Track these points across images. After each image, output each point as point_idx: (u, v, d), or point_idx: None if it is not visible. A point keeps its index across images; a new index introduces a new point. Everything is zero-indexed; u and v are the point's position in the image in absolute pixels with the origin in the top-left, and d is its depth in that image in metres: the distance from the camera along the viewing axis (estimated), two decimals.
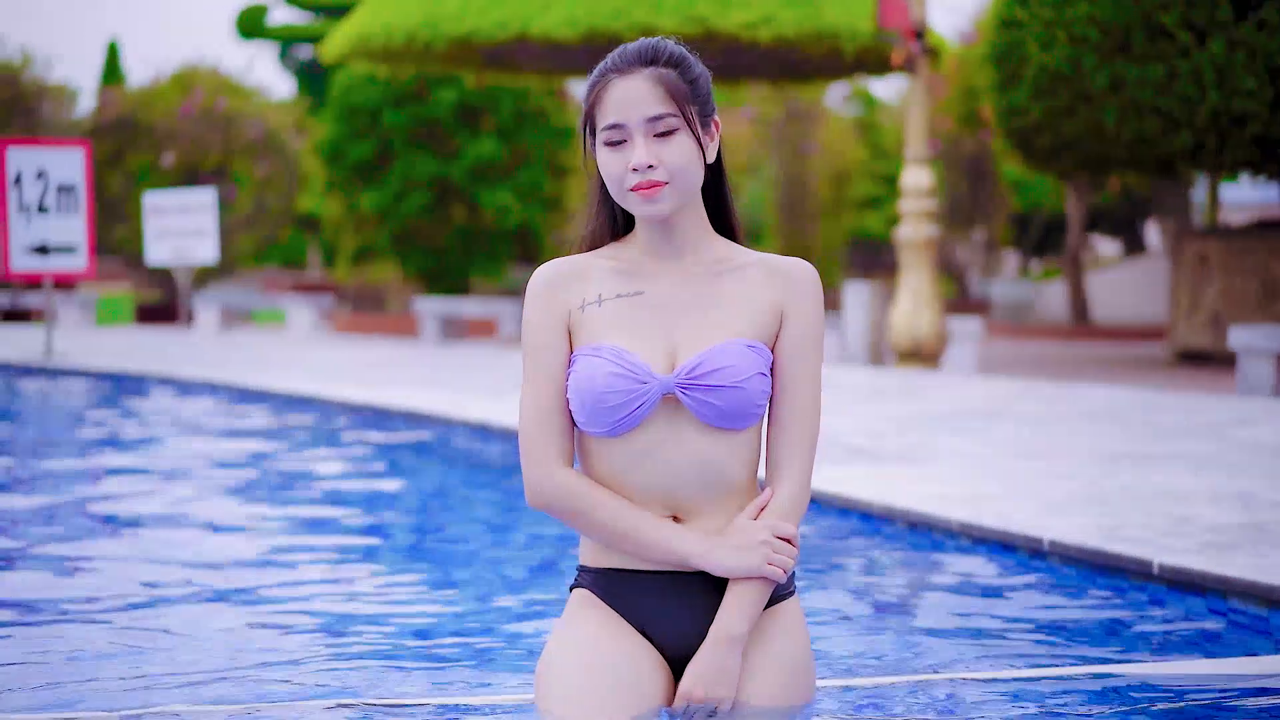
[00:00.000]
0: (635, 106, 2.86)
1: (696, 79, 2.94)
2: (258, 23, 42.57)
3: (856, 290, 14.05)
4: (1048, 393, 10.70)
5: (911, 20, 12.91)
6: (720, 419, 2.88)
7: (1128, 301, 26.37)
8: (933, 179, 13.39)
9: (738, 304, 2.96)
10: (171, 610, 4.45)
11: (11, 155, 13.23)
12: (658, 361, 2.90)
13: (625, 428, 2.87)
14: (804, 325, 2.97)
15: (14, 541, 5.59)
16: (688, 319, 2.95)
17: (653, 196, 2.87)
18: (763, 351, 2.93)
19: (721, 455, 2.91)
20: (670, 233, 2.97)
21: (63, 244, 13.36)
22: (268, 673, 3.70)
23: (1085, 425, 8.59)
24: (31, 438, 9.09)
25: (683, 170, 2.88)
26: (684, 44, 2.99)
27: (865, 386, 11.23)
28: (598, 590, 2.97)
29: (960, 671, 3.68)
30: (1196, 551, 4.75)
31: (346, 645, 4.03)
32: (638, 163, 2.85)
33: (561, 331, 2.94)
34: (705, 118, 2.94)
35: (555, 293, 2.95)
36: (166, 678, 3.62)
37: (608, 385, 2.85)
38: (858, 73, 18.49)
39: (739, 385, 2.87)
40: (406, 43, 16.02)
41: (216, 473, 7.59)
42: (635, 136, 2.87)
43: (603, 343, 2.90)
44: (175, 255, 17.60)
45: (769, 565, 2.87)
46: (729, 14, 15.26)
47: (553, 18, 15.25)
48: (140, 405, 11.00)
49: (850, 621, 4.39)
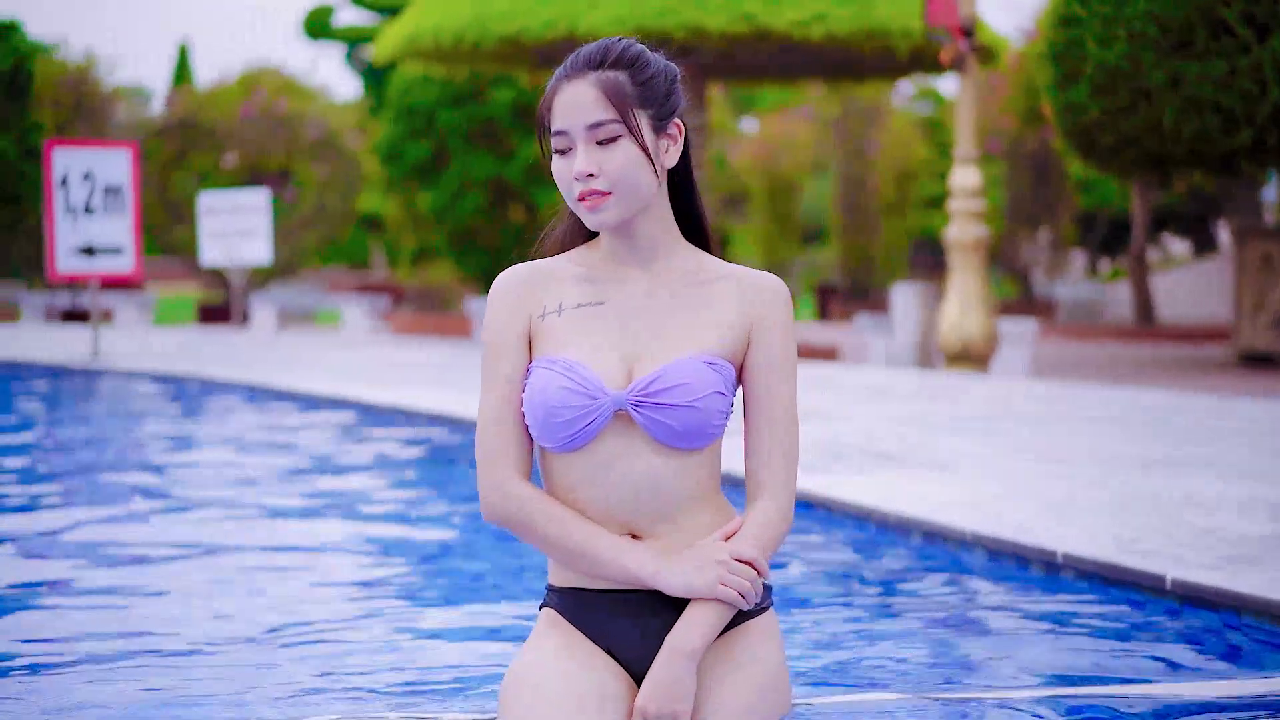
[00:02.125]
0: (577, 113, 2.77)
1: (649, 81, 2.82)
2: (324, 24, 42.86)
3: (904, 292, 13.87)
4: (1094, 396, 10.48)
5: (960, 18, 12.70)
6: (673, 438, 2.79)
7: (1195, 302, 25.99)
8: (981, 179, 13.18)
9: (702, 318, 2.87)
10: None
11: (58, 156, 13.27)
12: (614, 375, 2.81)
13: (578, 443, 2.79)
14: (776, 343, 2.88)
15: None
16: (649, 332, 2.85)
17: (596, 206, 2.79)
18: (724, 369, 2.83)
19: (677, 474, 2.82)
20: (632, 240, 2.88)
21: (109, 245, 13.39)
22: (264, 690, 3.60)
23: (1122, 429, 8.39)
24: (59, 439, 9.09)
25: (625, 179, 2.78)
26: (648, 43, 2.89)
27: (904, 389, 11.05)
28: (563, 610, 2.90)
29: (958, 691, 3.58)
30: (1214, 566, 4.59)
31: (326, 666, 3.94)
32: (577, 172, 2.78)
33: (521, 339, 2.86)
34: (662, 121, 2.83)
35: (517, 299, 2.87)
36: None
37: (559, 400, 2.77)
38: (913, 72, 18.28)
39: (692, 405, 2.77)
40: (456, 42, 15.98)
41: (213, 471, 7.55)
42: (578, 144, 2.78)
43: (559, 355, 2.82)
44: (228, 256, 17.63)
45: (722, 587, 2.75)
46: (779, 12, 15.11)
47: (600, 17, 15.17)
48: (168, 406, 11.00)
49: (851, 634, 4.29)
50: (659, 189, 2.88)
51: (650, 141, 2.82)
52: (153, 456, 8.43)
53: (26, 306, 22.98)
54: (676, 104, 2.88)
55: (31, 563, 5.30)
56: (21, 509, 6.53)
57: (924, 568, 5.24)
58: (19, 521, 6.18)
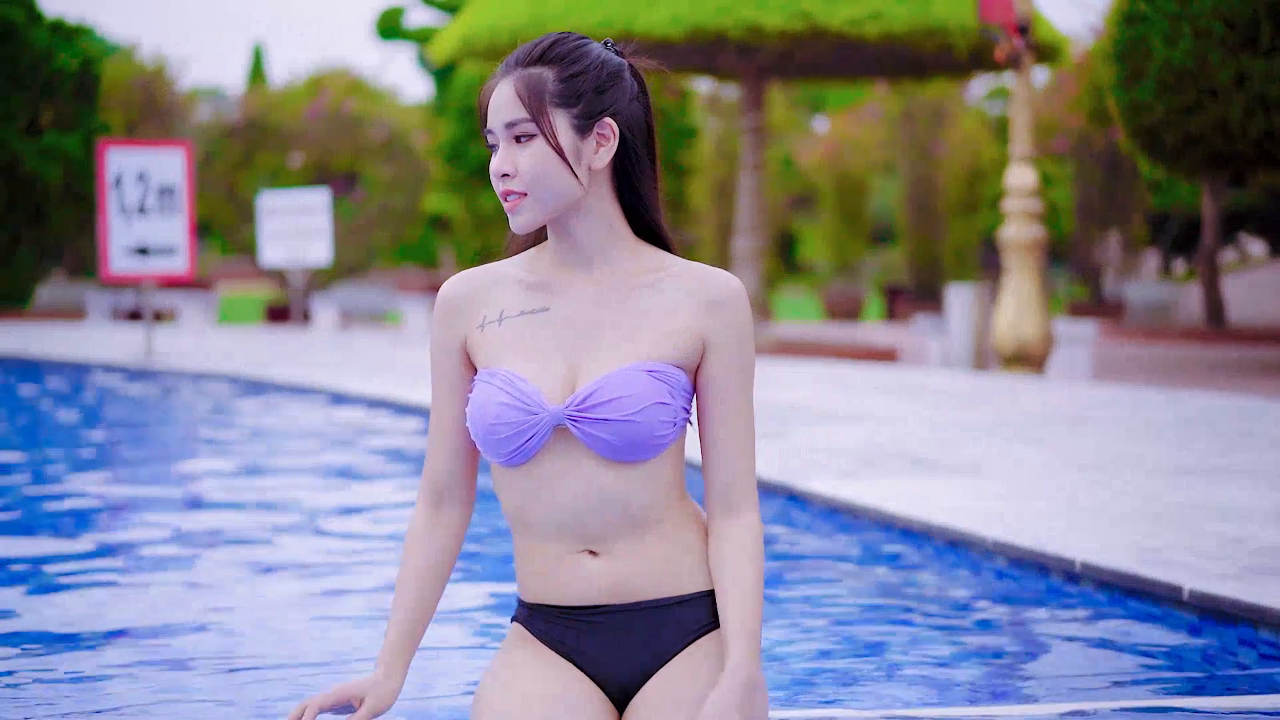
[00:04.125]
0: (498, 112, 2.70)
1: (574, 78, 2.70)
2: (395, 25, 43.08)
3: (959, 293, 13.69)
4: (1150, 399, 10.29)
5: (1016, 15, 12.51)
6: (615, 452, 2.69)
7: (1272, 303, 25.57)
8: (1036, 178, 12.99)
9: (648, 322, 2.75)
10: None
11: (112, 157, 13.35)
12: (554, 388, 2.71)
13: (520, 459, 2.71)
14: (735, 352, 2.77)
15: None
16: (591, 340, 2.75)
17: (513, 209, 2.72)
18: (669, 376, 2.72)
19: (625, 487, 2.71)
20: (572, 241, 2.77)
21: (163, 245, 13.46)
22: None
23: (1172, 434, 8.21)
24: (99, 437, 9.14)
25: (538, 180, 2.69)
26: (586, 38, 2.78)
27: (953, 392, 10.90)
28: (529, 624, 2.83)
29: (960, 707, 3.52)
30: (1236, 577, 4.45)
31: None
32: (493, 169, 2.72)
33: (456, 352, 2.80)
34: (587, 120, 2.71)
35: (455, 311, 2.80)
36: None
37: (497, 416, 2.69)
38: (975, 70, 18.07)
39: (630, 419, 2.66)
40: (511, 42, 15.93)
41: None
42: (500, 143, 2.72)
43: (499, 367, 2.73)
44: (289, 256, 17.68)
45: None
46: (836, 10, 14.96)
47: (657, 15, 15.09)
48: (210, 404, 11.04)
49: (859, 642, 4.24)
50: (593, 190, 2.76)
51: (568, 141, 2.71)
52: (189, 454, 8.45)
53: (94, 306, 23.21)
54: (610, 102, 2.74)
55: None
56: (57, 513, 6.54)
57: (942, 575, 5.13)
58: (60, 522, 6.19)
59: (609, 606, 2.74)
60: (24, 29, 22.51)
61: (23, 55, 22.41)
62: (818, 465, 6.80)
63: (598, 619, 2.75)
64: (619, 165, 2.79)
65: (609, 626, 2.75)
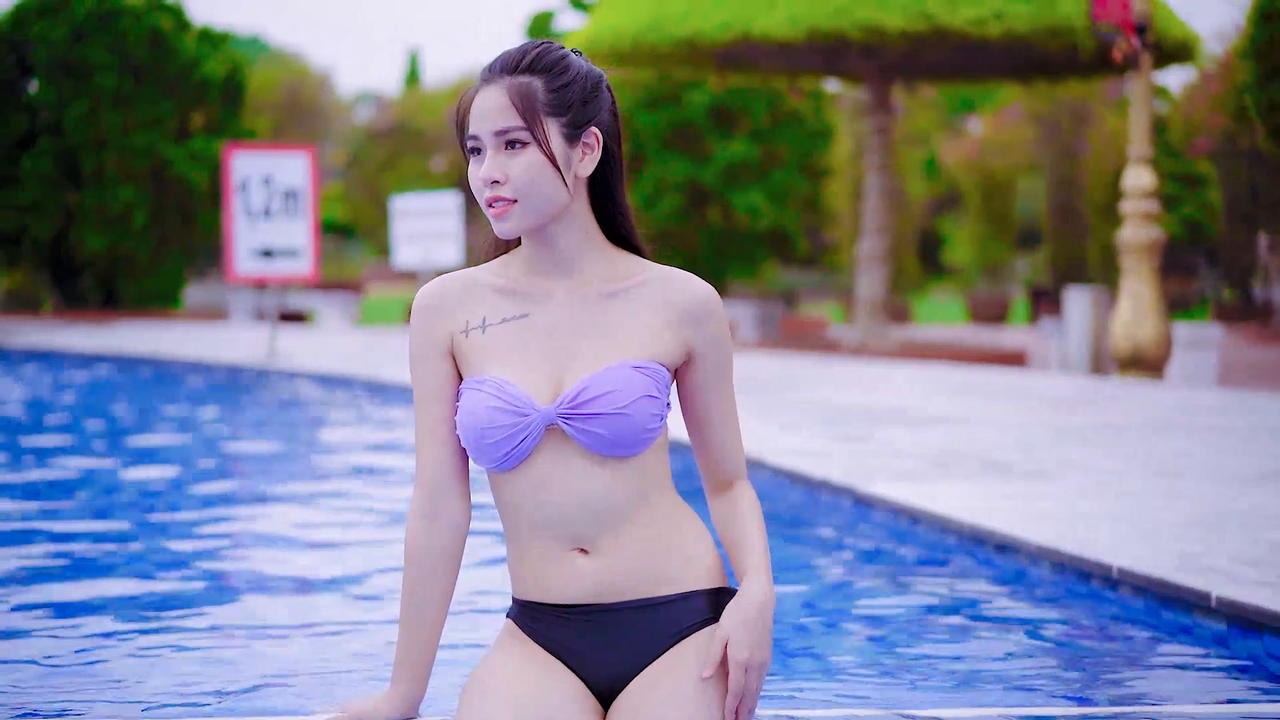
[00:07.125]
0: (486, 119, 2.74)
1: (564, 88, 2.76)
2: (545, 28, 43.43)
3: (1076, 296, 13.49)
4: (1258, 405, 10.06)
5: (1133, 14, 12.29)
6: (606, 447, 2.75)
7: None
8: (1154, 180, 12.75)
9: (628, 324, 2.82)
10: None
11: (237, 161, 13.67)
12: (542, 390, 2.78)
13: (512, 462, 2.77)
14: (715, 353, 2.86)
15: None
16: (574, 343, 2.81)
17: (501, 215, 2.76)
18: (655, 373, 2.78)
19: (616, 484, 2.78)
20: (550, 248, 2.83)
21: (286, 248, 13.76)
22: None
23: (1258, 441, 8.05)
24: (214, 432, 9.37)
25: (529, 187, 2.74)
26: (573, 49, 2.85)
27: (1056, 396, 10.75)
28: (520, 622, 2.89)
29: (980, 708, 3.52)
30: (1271, 584, 4.37)
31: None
32: (483, 176, 2.75)
33: (441, 358, 2.85)
34: (576, 129, 2.77)
35: (436, 317, 2.86)
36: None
37: (488, 420, 2.75)
38: (1103, 71, 17.77)
39: (622, 412, 2.73)
40: (634, 44, 16.04)
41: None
42: (487, 150, 2.75)
43: (486, 374, 2.80)
44: (421, 258, 17.93)
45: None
46: (957, 10, 14.82)
47: (775, 18, 15.06)
48: (322, 405, 11.25)
49: (888, 642, 4.27)
50: (576, 198, 2.82)
51: (560, 150, 2.76)
52: (293, 452, 8.63)
53: (236, 307, 23.75)
54: (594, 112, 2.80)
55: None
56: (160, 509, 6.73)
57: (987, 580, 5.12)
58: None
59: (599, 605, 2.80)
60: (173, 37, 23.14)
61: (171, 62, 23.03)
62: (886, 469, 6.78)
63: (588, 617, 2.81)
64: (599, 173, 2.86)
65: (598, 624, 2.80)
